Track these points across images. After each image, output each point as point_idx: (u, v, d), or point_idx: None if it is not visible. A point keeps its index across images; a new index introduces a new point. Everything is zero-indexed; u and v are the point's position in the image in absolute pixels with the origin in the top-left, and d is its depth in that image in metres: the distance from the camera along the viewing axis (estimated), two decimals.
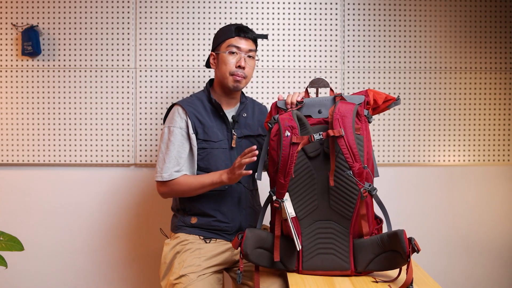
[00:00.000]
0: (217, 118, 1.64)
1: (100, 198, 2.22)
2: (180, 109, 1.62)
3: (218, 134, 1.61)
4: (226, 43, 1.61)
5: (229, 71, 1.59)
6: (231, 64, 1.59)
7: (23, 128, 2.18)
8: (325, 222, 1.36)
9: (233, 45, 1.60)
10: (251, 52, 1.62)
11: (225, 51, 1.60)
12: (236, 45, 1.60)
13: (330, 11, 2.22)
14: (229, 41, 1.60)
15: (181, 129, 1.60)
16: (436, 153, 2.25)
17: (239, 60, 1.59)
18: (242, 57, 1.59)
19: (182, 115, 1.61)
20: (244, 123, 1.67)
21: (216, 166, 1.60)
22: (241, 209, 1.64)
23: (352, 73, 2.23)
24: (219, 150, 1.61)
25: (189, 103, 1.64)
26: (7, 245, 1.64)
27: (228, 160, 1.61)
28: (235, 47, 1.60)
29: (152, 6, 2.19)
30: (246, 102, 1.71)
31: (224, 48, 1.61)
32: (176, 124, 1.60)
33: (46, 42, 2.17)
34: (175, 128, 1.60)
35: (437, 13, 2.24)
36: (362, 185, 1.28)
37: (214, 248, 1.59)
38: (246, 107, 1.70)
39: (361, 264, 1.32)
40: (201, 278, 1.50)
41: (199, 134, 1.60)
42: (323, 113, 1.40)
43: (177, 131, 1.60)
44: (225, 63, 1.60)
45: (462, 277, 2.29)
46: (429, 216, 2.28)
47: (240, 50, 1.60)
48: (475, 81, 2.25)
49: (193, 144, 1.60)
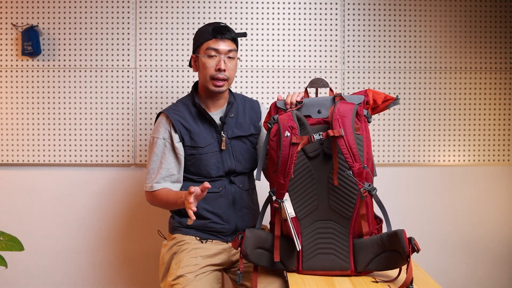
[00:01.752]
0: (204, 121, 1.61)
1: (100, 198, 2.22)
2: (165, 118, 1.61)
3: (206, 138, 1.59)
4: (204, 46, 1.56)
5: (210, 75, 1.56)
6: (210, 67, 1.55)
7: (23, 128, 2.19)
8: (325, 222, 1.36)
9: (211, 47, 1.55)
10: (231, 52, 1.58)
11: (204, 55, 1.56)
12: (214, 47, 1.55)
13: (330, 11, 2.22)
14: (207, 44, 1.56)
15: (164, 140, 1.60)
16: (436, 153, 2.25)
17: (219, 63, 1.55)
18: (221, 60, 1.55)
19: (166, 125, 1.60)
20: (234, 123, 1.64)
21: (207, 171, 1.59)
22: (236, 210, 1.63)
23: (352, 73, 2.23)
24: (209, 155, 1.59)
25: (174, 110, 1.62)
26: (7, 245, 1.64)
27: (220, 163, 1.60)
28: (213, 50, 1.55)
29: (152, 6, 2.19)
30: (233, 102, 1.66)
31: (203, 51, 1.57)
32: (160, 134, 1.60)
33: (46, 42, 2.17)
34: (158, 139, 1.60)
35: (437, 13, 2.24)
36: (362, 185, 1.28)
37: (211, 248, 1.59)
38: (234, 107, 1.66)
39: (361, 264, 1.32)
40: (198, 277, 1.50)
41: (185, 141, 1.59)
42: (322, 113, 1.40)
43: (160, 142, 1.60)
44: (205, 67, 1.56)
45: (462, 277, 2.29)
46: (429, 216, 2.28)
47: (218, 53, 1.55)
48: (475, 81, 2.25)
49: (179, 153, 1.59)
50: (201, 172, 1.60)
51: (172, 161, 1.59)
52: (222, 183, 1.61)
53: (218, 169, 1.59)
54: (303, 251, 1.35)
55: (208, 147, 1.59)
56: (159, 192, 1.58)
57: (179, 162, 1.60)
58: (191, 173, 1.62)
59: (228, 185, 1.62)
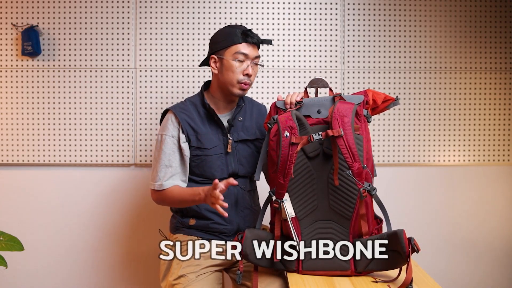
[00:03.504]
0: (211, 122, 1.61)
1: (100, 198, 2.22)
2: (173, 116, 1.60)
3: (212, 139, 1.59)
4: (233, 49, 1.54)
5: (237, 79, 1.55)
6: (238, 72, 1.54)
7: (23, 128, 2.19)
8: (325, 222, 1.36)
9: (241, 52, 1.53)
10: (257, 59, 1.58)
11: (233, 59, 1.54)
12: (243, 52, 1.53)
13: (330, 11, 2.22)
14: (236, 47, 1.54)
15: (173, 138, 1.58)
16: (436, 153, 2.25)
17: (247, 68, 1.54)
18: (249, 65, 1.55)
19: (175, 123, 1.59)
20: (241, 126, 1.64)
21: (211, 172, 1.58)
22: (238, 210, 1.62)
23: (352, 73, 2.23)
24: (214, 156, 1.58)
25: (182, 109, 1.61)
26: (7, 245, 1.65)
27: (224, 165, 1.59)
28: (242, 55, 1.54)
29: (152, 6, 2.19)
30: (242, 105, 1.66)
31: (230, 54, 1.54)
32: (169, 132, 1.59)
33: (46, 42, 2.18)
34: (167, 137, 1.58)
35: (437, 13, 2.24)
36: (361, 185, 1.28)
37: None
38: (242, 110, 1.66)
39: (361, 264, 1.32)
40: (200, 278, 1.51)
41: (192, 141, 1.58)
42: (322, 113, 1.40)
43: (169, 140, 1.58)
44: (233, 71, 1.54)
45: (462, 277, 2.29)
46: (429, 216, 2.27)
47: (247, 58, 1.54)
48: (475, 81, 2.25)
49: (184, 154, 1.58)
50: (205, 174, 1.59)
51: (179, 159, 1.59)
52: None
53: (223, 172, 1.59)
54: None
55: (214, 149, 1.58)
56: (170, 190, 1.56)
57: (185, 162, 1.59)
58: (194, 174, 1.61)
59: (231, 186, 1.61)
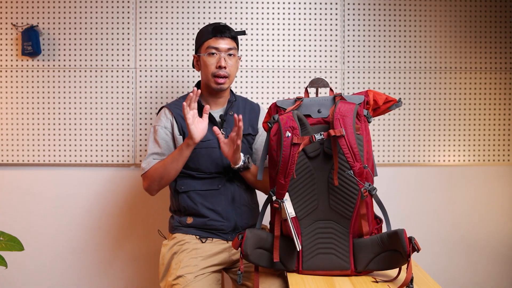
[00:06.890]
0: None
1: (100, 198, 2.22)
2: (167, 110, 1.67)
3: (206, 134, 1.60)
4: (205, 45, 1.62)
5: (211, 73, 1.61)
6: (211, 65, 1.60)
7: (23, 128, 2.18)
8: (325, 222, 1.36)
9: (211, 46, 1.60)
10: (231, 50, 1.62)
11: (205, 53, 1.61)
12: (214, 46, 1.60)
13: (330, 11, 2.22)
14: (207, 43, 1.61)
15: (166, 129, 1.64)
16: (436, 153, 2.25)
17: (219, 60, 1.60)
18: (221, 57, 1.60)
19: (169, 115, 1.65)
20: (233, 121, 1.65)
21: (206, 166, 1.62)
22: (235, 207, 1.64)
23: (352, 73, 2.23)
24: (208, 150, 1.62)
25: (176, 105, 1.68)
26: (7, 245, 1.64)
27: (219, 159, 1.62)
28: (213, 48, 1.60)
29: (152, 6, 2.19)
30: (233, 101, 1.70)
31: (203, 50, 1.62)
32: (161, 123, 1.65)
33: (46, 42, 2.17)
34: (159, 127, 1.64)
35: (437, 13, 2.24)
36: (362, 184, 1.28)
37: (211, 248, 1.59)
38: (233, 105, 1.70)
39: (361, 264, 1.32)
40: (198, 278, 1.50)
41: (186, 134, 1.61)
42: (322, 112, 1.40)
43: (161, 130, 1.64)
44: (206, 65, 1.61)
45: (462, 277, 2.29)
46: (429, 216, 2.28)
47: (218, 51, 1.60)
48: (475, 81, 2.25)
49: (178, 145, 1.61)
50: (200, 167, 1.62)
51: (171, 148, 1.63)
52: (221, 180, 1.63)
53: (217, 166, 1.62)
54: (303, 251, 1.35)
55: (207, 142, 1.61)
56: (155, 165, 1.59)
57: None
58: (190, 168, 1.63)
59: (227, 183, 1.63)
